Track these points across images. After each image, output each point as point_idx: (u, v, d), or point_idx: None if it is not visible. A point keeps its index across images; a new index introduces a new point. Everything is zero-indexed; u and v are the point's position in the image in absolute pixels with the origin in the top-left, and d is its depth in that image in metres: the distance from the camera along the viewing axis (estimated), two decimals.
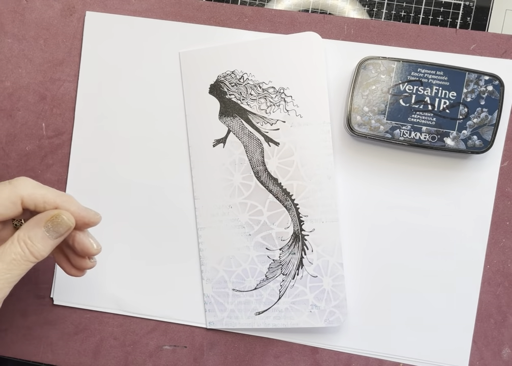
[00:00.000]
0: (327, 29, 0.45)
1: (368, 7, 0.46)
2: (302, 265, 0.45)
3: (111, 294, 0.47)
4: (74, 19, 0.46)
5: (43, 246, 0.33)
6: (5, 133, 0.47)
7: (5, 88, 0.46)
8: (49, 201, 0.34)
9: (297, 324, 0.45)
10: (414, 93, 0.43)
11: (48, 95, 0.46)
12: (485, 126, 0.43)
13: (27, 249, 0.33)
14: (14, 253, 0.33)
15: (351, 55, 0.45)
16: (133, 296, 0.47)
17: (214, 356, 0.47)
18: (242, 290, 0.46)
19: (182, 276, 0.46)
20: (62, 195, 0.35)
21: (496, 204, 0.45)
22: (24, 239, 0.33)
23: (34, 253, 0.33)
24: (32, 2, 0.46)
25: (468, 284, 0.45)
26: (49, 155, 0.47)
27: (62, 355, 0.47)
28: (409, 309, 0.46)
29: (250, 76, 0.45)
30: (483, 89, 0.43)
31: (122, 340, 0.47)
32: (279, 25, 0.45)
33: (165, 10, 0.45)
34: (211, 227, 0.46)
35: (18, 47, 0.46)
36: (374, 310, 0.46)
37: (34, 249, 0.33)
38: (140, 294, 0.47)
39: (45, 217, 0.34)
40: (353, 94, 0.43)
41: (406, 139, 0.43)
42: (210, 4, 0.45)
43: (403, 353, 0.46)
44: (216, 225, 0.45)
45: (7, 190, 0.33)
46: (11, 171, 0.47)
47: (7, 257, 0.33)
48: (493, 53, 0.45)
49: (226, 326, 0.46)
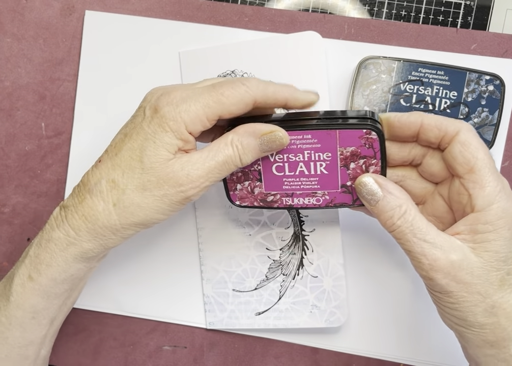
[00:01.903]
0: (327, 28, 0.45)
1: (368, 7, 0.46)
2: (302, 265, 0.45)
3: (110, 294, 0.47)
4: (73, 18, 0.46)
5: (251, 156, 0.34)
6: (4, 133, 0.46)
7: (4, 88, 0.46)
8: (279, 98, 0.34)
9: (297, 324, 0.45)
10: (414, 92, 0.43)
11: (48, 94, 0.46)
12: (486, 126, 0.43)
13: (238, 154, 0.34)
14: (226, 155, 0.33)
15: (351, 54, 0.44)
16: (132, 296, 0.47)
17: (214, 356, 0.47)
18: (242, 290, 0.46)
19: (182, 276, 0.46)
20: (288, 89, 0.35)
21: None
22: (237, 144, 0.34)
23: (243, 160, 0.34)
24: (32, 1, 0.46)
25: None
26: (48, 155, 0.46)
27: (62, 355, 0.47)
28: (410, 309, 0.45)
29: (250, 76, 0.45)
30: (484, 88, 0.43)
31: (122, 341, 0.47)
32: (279, 24, 0.45)
33: (165, 9, 0.45)
34: (211, 227, 0.45)
35: (17, 47, 0.46)
36: (375, 310, 0.46)
37: (244, 157, 0.34)
38: (140, 294, 0.46)
39: (263, 129, 0.34)
40: (354, 94, 0.43)
41: None
42: (210, 4, 0.45)
43: (403, 353, 0.46)
44: (216, 226, 0.45)
45: (242, 92, 0.33)
46: (11, 171, 0.47)
47: (220, 157, 0.33)
48: (494, 53, 0.45)
49: (226, 326, 0.46)
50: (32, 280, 0.35)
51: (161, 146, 0.33)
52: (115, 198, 0.33)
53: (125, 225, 0.34)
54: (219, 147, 0.34)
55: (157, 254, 0.46)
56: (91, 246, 0.34)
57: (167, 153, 0.33)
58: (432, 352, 0.46)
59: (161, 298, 0.46)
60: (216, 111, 0.33)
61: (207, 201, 0.45)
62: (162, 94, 0.34)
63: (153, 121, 0.33)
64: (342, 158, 0.35)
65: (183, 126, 0.33)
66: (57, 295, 0.36)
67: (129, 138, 0.34)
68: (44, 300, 0.35)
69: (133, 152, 0.33)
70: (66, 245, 0.34)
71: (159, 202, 0.33)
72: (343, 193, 0.37)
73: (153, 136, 0.33)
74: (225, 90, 0.33)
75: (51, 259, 0.35)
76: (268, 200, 0.38)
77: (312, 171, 0.36)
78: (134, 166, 0.33)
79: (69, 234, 0.34)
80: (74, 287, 0.37)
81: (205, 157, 0.33)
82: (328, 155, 0.36)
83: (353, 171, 0.36)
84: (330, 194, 0.37)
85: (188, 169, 0.33)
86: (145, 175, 0.33)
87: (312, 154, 0.36)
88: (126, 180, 0.33)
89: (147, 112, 0.34)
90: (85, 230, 0.34)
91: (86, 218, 0.34)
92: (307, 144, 0.35)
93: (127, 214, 0.33)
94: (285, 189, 0.37)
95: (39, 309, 0.36)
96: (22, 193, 0.47)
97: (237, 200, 0.38)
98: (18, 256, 0.37)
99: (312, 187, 0.37)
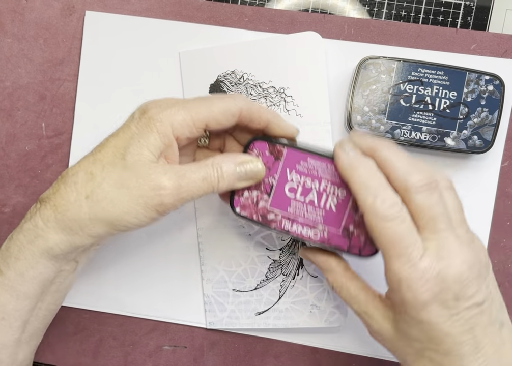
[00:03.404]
0: (327, 28, 0.45)
1: (368, 7, 0.46)
2: (302, 265, 0.45)
3: (110, 294, 0.47)
4: (73, 18, 0.46)
5: (228, 182, 0.34)
6: (4, 133, 0.46)
7: (4, 88, 0.46)
8: (263, 117, 0.36)
9: (297, 324, 0.45)
10: (414, 93, 0.43)
11: (48, 95, 0.46)
12: (485, 126, 0.43)
13: (217, 176, 0.34)
14: (207, 173, 0.34)
15: (351, 54, 0.44)
16: (132, 296, 0.47)
17: (214, 356, 0.47)
18: (242, 290, 0.46)
19: (182, 276, 0.46)
20: (272, 113, 0.37)
21: (496, 204, 0.45)
22: (217, 167, 0.34)
23: (220, 184, 0.34)
24: (32, 1, 0.46)
25: None
26: (48, 155, 0.47)
27: (61, 355, 0.47)
28: None
29: (250, 76, 0.45)
30: (483, 89, 0.43)
31: (122, 340, 0.47)
32: (279, 24, 0.45)
33: (165, 9, 0.45)
34: (211, 227, 0.45)
35: (17, 47, 0.46)
36: None
37: (221, 181, 0.34)
38: (140, 294, 0.46)
39: (243, 158, 0.35)
40: (353, 94, 0.43)
41: (406, 138, 0.43)
42: (210, 4, 0.45)
43: None
44: (216, 225, 0.45)
45: (230, 103, 0.34)
46: (11, 171, 0.47)
47: (201, 173, 0.34)
48: (493, 53, 0.45)
49: (226, 326, 0.46)
50: (2, 273, 0.35)
51: (145, 146, 0.33)
52: (89, 190, 0.33)
53: (94, 221, 0.33)
54: (200, 165, 0.34)
55: (157, 254, 0.46)
56: (57, 239, 0.34)
57: (151, 154, 0.33)
58: None
59: (161, 298, 0.46)
60: (203, 118, 0.33)
61: (207, 201, 0.45)
62: (153, 100, 0.35)
63: (140, 122, 0.33)
64: (355, 201, 0.34)
65: (170, 129, 0.33)
66: (26, 295, 0.35)
67: (114, 136, 0.34)
68: (13, 299, 0.35)
69: (117, 150, 0.33)
70: (34, 237, 0.34)
71: (134, 202, 0.32)
72: (342, 237, 0.36)
73: (139, 135, 0.33)
74: (213, 100, 0.34)
75: (19, 252, 0.34)
76: (268, 218, 0.37)
77: (321, 204, 0.36)
78: (116, 162, 0.33)
79: (37, 224, 0.34)
80: (45, 290, 0.36)
81: (187, 169, 0.33)
82: (342, 192, 0.35)
83: (359, 219, 0.35)
84: (329, 233, 0.36)
85: (171, 175, 0.33)
86: (126, 172, 0.33)
87: (328, 185, 0.35)
88: (105, 174, 0.33)
89: (136, 114, 0.35)
90: (54, 220, 0.33)
91: (56, 208, 0.33)
92: (327, 174, 0.35)
93: (98, 208, 0.33)
94: (289, 211, 0.36)
95: (9, 309, 0.35)
96: (22, 193, 0.47)
97: (238, 207, 0.37)
98: None
99: (315, 219, 0.36)
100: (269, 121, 0.36)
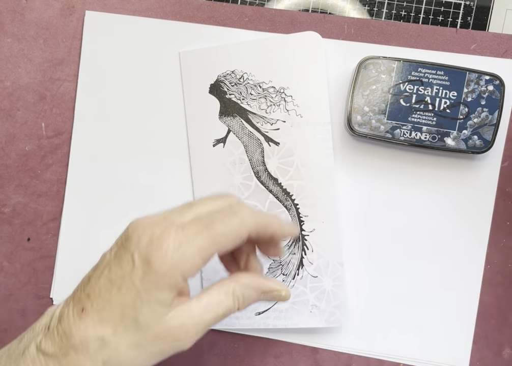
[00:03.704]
0: (327, 28, 0.45)
1: (368, 7, 0.46)
2: (302, 265, 0.45)
3: None
4: (73, 18, 0.46)
5: (249, 304, 0.33)
6: (4, 133, 0.46)
7: (4, 88, 0.46)
8: (269, 230, 0.33)
9: (297, 324, 0.45)
10: (414, 93, 0.43)
11: (48, 95, 0.46)
12: (485, 126, 0.43)
13: (237, 305, 0.33)
14: (226, 308, 0.32)
15: (351, 54, 0.44)
16: None
17: (214, 356, 0.47)
18: None
19: None
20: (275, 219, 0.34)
21: (496, 204, 0.45)
22: (238, 295, 0.32)
23: (241, 309, 0.33)
24: (32, 1, 0.46)
25: (468, 284, 0.45)
26: (48, 155, 0.47)
27: None
28: (410, 309, 0.45)
29: (250, 76, 0.45)
30: (483, 88, 0.43)
31: None
32: (279, 24, 0.45)
33: (165, 9, 0.45)
34: None
35: (17, 47, 0.46)
36: (375, 310, 0.46)
37: (242, 306, 0.33)
38: None
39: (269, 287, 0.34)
40: (353, 94, 0.43)
41: (406, 138, 0.43)
42: (210, 4, 0.45)
43: (403, 353, 0.46)
44: None
45: (236, 226, 0.31)
46: (11, 171, 0.47)
47: (220, 309, 0.32)
48: (493, 53, 0.45)
49: (226, 326, 0.46)
50: None
51: (157, 303, 0.30)
52: (106, 357, 0.30)
53: None
54: (219, 298, 0.32)
55: None
56: None
57: (163, 309, 0.31)
58: (432, 351, 0.46)
59: None
60: (211, 251, 0.31)
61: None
62: (151, 241, 0.30)
63: (145, 277, 0.30)
64: None
65: (180, 277, 0.31)
66: None
67: (117, 290, 0.30)
68: None
69: (125, 309, 0.30)
70: None
71: (152, 357, 0.31)
72: None
73: (148, 294, 0.30)
74: (219, 228, 0.31)
75: None
76: None
77: None
78: (128, 325, 0.30)
79: None
80: None
81: (204, 308, 0.32)
82: None
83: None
84: None
85: (187, 324, 0.31)
86: (141, 333, 0.31)
87: None
88: (118, 338, 0.30)
89: (137, 261, 0.30)
90: None
91: None
92: None
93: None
94: None
95: None
96: (22, 193, 0.47)
97: None
98: (18, 256, 0.36)
99: None
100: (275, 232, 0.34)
